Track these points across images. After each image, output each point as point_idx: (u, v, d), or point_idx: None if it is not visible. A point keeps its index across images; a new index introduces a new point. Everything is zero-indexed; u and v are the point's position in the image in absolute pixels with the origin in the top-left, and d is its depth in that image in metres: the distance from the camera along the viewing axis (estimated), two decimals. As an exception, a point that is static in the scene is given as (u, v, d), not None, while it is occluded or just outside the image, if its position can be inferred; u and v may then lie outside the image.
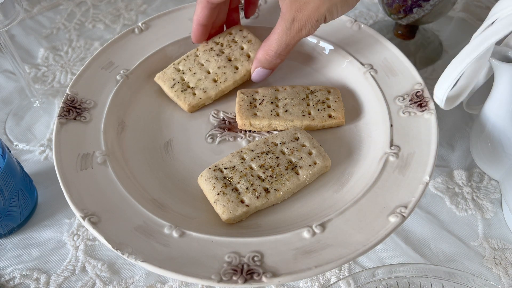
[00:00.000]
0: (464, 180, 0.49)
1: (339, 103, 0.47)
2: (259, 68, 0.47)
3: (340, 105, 0.47)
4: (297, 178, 0.41)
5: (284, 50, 0.44)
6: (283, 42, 0.43)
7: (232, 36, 0.51)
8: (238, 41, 0.51)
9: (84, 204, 0.38)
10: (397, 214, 0.37)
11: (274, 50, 0.44)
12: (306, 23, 0.41)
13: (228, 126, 0.48)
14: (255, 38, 0.51)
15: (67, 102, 0.45)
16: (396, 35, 0.62)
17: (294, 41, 0.43)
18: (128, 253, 0.35)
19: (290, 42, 0.43)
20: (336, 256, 0.35)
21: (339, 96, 0.48)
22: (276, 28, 0.43)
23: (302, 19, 0.41)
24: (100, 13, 0.71)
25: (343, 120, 0.47)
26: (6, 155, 0.42)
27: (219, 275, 0.34)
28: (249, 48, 0.50)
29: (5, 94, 0.59)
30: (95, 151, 0.42)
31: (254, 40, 0.51)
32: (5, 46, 0.49)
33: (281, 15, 0.42)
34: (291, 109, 0.46)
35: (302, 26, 0.42)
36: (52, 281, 0.42)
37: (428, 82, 0.57)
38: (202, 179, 0.41)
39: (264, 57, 0.46)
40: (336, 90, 0.48)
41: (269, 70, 0.47)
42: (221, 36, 0.51)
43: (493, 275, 0.42)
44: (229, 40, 0.51)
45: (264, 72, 0.47)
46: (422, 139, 0.42)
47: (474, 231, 0.45)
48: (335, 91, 0.48)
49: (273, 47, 0.44)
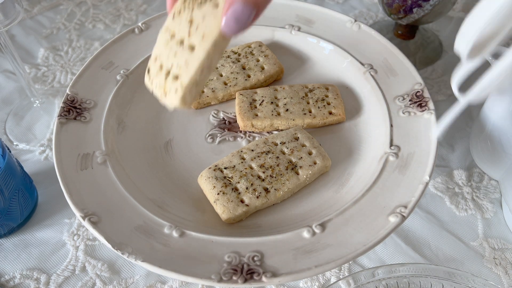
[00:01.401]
0: (464, 180, 0.49)
1: (339, 99, 0.47)
2: (237, 3, 0.28)
3: (339, 101, 0.47)
4: (297, 178, 0.41)
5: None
6: None
7: (250, 49, 0.52)
8: (255, 54, 0.51)
9: (84, 204, 0.38)
10: (397, 214, 0.37)
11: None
12: None
13: (228, 126, 0.48)
14: (272, 53, 0.52)
15: (67, 102, 0.45)
16: (396, 35, 0.62)
17: None
18: (128, 253, 0.35)
19: None
20: (336, 256, 0.35)
21: (337, 93, 0.48)
22: None
23: None
24: (100, 13, 0.71)
25: (344, 116, 0.47)
26: (6, 155, 0.42)
27: (219, 275, 0.34)
28: (264, 61, 0.51)
29: (5, 94, 0.59)
30: (95, 151, 0.42)
31: (271, 55, 0.51)
32: (5, 46, 0.49)
33: None
34: (291, 108, 0.46)
35: None
36: (52, 281, 0.42)
37: (428, 82, 0.58)
38: (202, 178, 0.41)
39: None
40: (334, 87, 0.49)
41: (254, 9, 0.28)
42: (240, 48, 0.52)
43: (493, 275, 0.42)
44: (247, 52, 0.52)
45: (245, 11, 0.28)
46: (422, 139, 0.42)
47: (474, 231, 0.45)
48: (333, 88, 0.48)
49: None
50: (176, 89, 0.31)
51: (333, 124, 0.47)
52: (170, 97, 0.32)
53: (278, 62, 0.51)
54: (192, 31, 0.30)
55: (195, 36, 0.30)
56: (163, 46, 0.33)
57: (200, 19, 0.30)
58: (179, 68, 0.31)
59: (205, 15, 0.30)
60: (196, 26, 0.30)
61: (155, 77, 0.33)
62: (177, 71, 0.32)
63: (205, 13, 0.30)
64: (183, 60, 0.31)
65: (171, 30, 0.33)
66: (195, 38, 0.30)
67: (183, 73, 0.31)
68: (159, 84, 0.33)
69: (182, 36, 0.31)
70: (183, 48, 0.31)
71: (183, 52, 0.31)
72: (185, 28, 0.31)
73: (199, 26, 0.30)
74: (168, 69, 0.32)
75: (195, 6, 0.31)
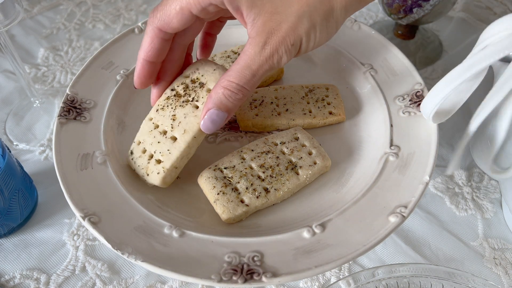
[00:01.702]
0: (464, 180, 0.49)
1: (338, 99, 0.47)
2: (213, 109, 0.35)
3: (339, 101, 0.47)
4: (297, 178, 0.41)
5: (249, 82, 0.34)
6: (248, 72, 0.34)
7: None
8: None
9: (84, 204, 0.38)
10: (397, 214, 0.37)
11: (237, 81, 0.34)
12: (279, 47, 0.33)
13: (228, 126, 0.48)
14: None
15: (67, 102, 0.45)
16: (396, 35, 0.62)
17: (263, 70, 0.34)
18: (128, 253, 0.35)
19: (257, 72, 0.34)
20: (336, 256, 0.35)
21: (337, 93, 0.48)
22: (241, 57, 0.34)
23: (275, 42, 0.33)
24: (100, 13, 0.71)
25: (344, 116, 0.47)
26: (6, 155, 0.42)
27: (219, 275, 0.34)
28: None
29: (5, 94, 0.59)
30: (95, 151, 0.42)
31: None
32: (5, 46, 0.49)
33: (248, 41, 0.34)
34: (291, 108, 0.46)
35: (274, 51, 0.33)
36: (52, 281, 0.42)
37: (428, 82, 0.57)
38: (202, 178, 0.41)
39: (221, 93, 0.35)
40: (333, 87, 0.49)
41: (226, 114, 0.36)
42: (240, 47, 0.51)
43: (493, 275, 0.42)
44: None
45: (220, 115, 0.35)
46: (422, 139, 0.42)
47: (474, 231, 0.45)
48: (333, 87, 0.48)
49: (236, 78, 0.34)
50: (158, 171, 0.38)
51: (333, 124, 0.47)
52: (153, 177, 0.39)
53: None
54: (174, 125, 0.38)
55: (177, 130, 0.38)
56: (147, 134, 0.40)
57: (182, 117, 0.38)
58: (162, 155, 0.38)
59: (187, 114, 0.38)
60: (178, 122, 0.38)
61: (138, 158, 0.40)
62: (159, 156, 0.39)
63: (187, 112, 0.38)
64: (165, 148, 0.38)
65: (154, 122, 0.40)
66: (177, 131, 0.38)
67: (166, 159, 0.38)
68: (143, 165, 0.40)
69: (165, 128, 0.39)
70: (166, 138, 0.38)
71: (166, 141, 0.38)
72: (168, 122, 0.38)
73: (181, 122, 0.38)
74: (151, 153, 0.39)
75: (177, 105, 0.38)
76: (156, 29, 0.36)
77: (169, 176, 0.39)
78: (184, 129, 0.38)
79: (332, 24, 0.35)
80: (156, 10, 0.35)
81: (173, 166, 0.39)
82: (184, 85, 0.40)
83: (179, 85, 0.40)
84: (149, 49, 0.37)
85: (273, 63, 0.34)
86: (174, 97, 0.39)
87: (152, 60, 0.38)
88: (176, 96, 0.39)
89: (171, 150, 0.38)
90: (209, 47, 0.44)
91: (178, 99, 0.39)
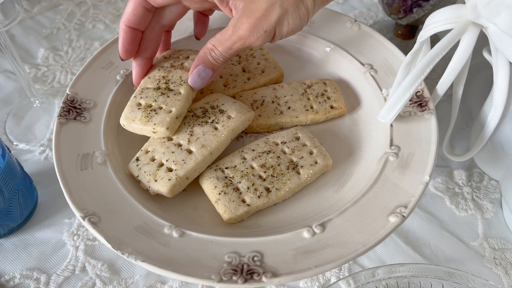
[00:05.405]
0: (464, 180, 0.49)
1: (338, 93, 0.48)
2: (200, 66, 0.41)
3: (338, 95, 0.47)
4: (298, 177, 0.41)
5: (227, 52, 0.39)
6: (227, 44, 0.39)
7: (251, 52, 0.52)
8: (256, 57, 0.51)
9: (84, 204, 0.38)
10: (397, 214, 0.37)
11: (219, 49, 0.39)
12: (252, 33, 0.37)
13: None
14: (273, 57, 0.51)
15: (67, 102, 0.45)
16: (396, 35, 0.62)
17: (237, 47, 0.39)
18: (128, 253, 0.35)
19: (232, 47, 0.39)
20: (336, 256, 0.35)
21: (336, 87, 0.48)
22: (225, 30, 0.39)
23: (249, 27, 0.37)
24: (100, 13, 0.71)
25: (345, 109, 0.47)
26: (6, 155, 0.42)
27: (219, 275, 0.34)
28: (265, 65, 0.51)
29: (5, 94, 0.59)
30: (95, 151, 0.42)
31: (271, 59, 0.51)
32: (5, 46, 0.49)
33: (231, 21, 0.39)
34: (293, 106, 0.47)
35: (249, 34, 0.38)
36: (52, 281, 0.42)
37: (428, 82, 0.58)
38: (203, 178, 0.41)
39: (208, 53, 0.40)
40: (331, 81, 0.49)
41: (211, 71, 0.41)
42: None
43: (493, 275, 0.42)
44: (248, 54, 0.52)
45: (206, 71, 0.41)
46: (422, 139, 0.42)
47: (474, 231, 0.45)
48: (331, 82, 0.49)
49: (219, 46, 0.39)
50: (170, 178, 0.39)
51: (335, 119, 0.48)
52: (161, 183, 0.39)
53: (278, 66, 0.51)
54: (192, 140, 0.41)
55: (195, 144, 0.41)
56: (158, 144, 0.42)
57: (200, 134, 0.41)
58: (176, 164, 0.40)
59: (206, 132, 0.41)
60: (196, 137, 0.41)
61: (144, 165, 0.41)
62: (172, 165, 0.40)
63: (206, 131, 0.42)
64: (180, 158, 0.40)
65: None
66: (194, 145, 0.41)
67: (179, 168, 0.40)
68: (150, 171, 0.40)
69: (181, 142, 0.41)
70: (181, 149, 0.41)
71: (181, 152, 0.41)
72: (185, 136, 0.41)
73: (200, 138, 0.41)
74: (161, 162, 0.40)
75: (196, 124, 0.42)
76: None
77: (178, 185, 0.40)
78: (202, 144, 0.41)
79: (303, 11, 0.38)
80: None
81: (185, 176, 0.40)
82: (203, 109, 0.44)
83: (197, 108, 0.44)
84: (132, 15, 0.41)
85: (247, 45, 0.39)
86: (192, 117, 0.43)
87: (134, 26, 0.42)
88: (194, 117, 0.43)
89: (186, 161, 0.40)
90: (205, 24, 0.49)
91: (197, 119, 0.43)
